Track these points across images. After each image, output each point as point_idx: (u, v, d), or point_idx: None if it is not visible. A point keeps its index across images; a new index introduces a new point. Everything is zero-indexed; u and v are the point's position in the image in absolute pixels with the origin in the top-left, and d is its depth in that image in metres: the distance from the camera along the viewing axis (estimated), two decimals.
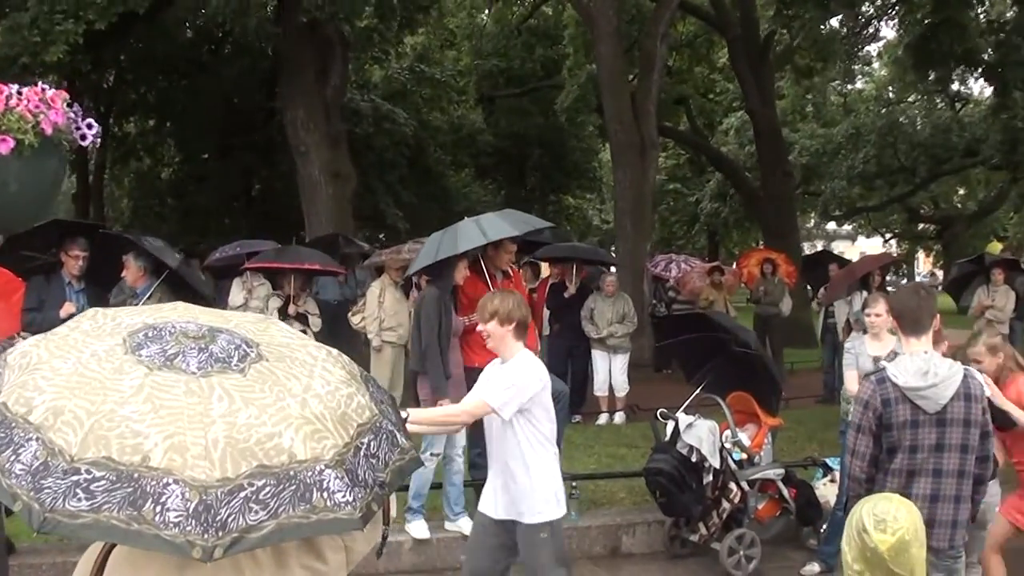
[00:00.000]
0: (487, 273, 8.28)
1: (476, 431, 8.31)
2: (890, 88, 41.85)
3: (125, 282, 9.49)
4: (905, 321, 5.05)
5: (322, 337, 11.70)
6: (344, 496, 2.09)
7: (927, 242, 52.21)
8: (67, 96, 4.28)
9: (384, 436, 2.32)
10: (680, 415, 7.95)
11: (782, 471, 8.15)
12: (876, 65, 43.27)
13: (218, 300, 12.57)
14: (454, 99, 30.78)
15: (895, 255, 34.08)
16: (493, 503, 5.61)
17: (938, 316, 5.15)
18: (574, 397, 13.27)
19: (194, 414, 2.07)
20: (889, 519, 3.06)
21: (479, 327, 5.56)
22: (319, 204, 17.45)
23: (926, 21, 22.10)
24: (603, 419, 13.18)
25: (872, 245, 58.74)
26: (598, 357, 13.20)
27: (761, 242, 30.13)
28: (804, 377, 16.29)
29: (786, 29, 25.78)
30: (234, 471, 2.01)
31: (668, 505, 7.93)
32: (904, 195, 38.31)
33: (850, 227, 56.24)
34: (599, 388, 13.37)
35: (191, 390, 2.13)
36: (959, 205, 46.52)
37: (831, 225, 57.14)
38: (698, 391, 8.41)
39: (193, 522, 1.94)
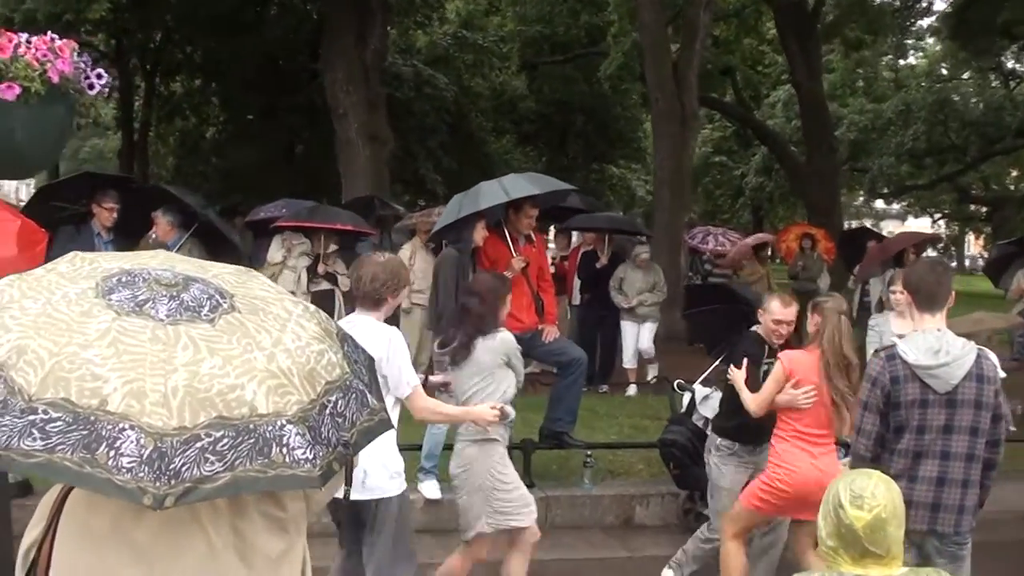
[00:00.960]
0: (509, 236, 8.24)
1: None
2: (943, 64, 41.13)
3: (155, 237, 9.58)
4: (920, 296, 4.93)
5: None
6: (304, 453, 2.09)
7: (977, 224, 51.35)
8: (76, 46, 4.27)
9: (353, 396, 2.30)
10: (697, 387, 7.89)
11: None
12: (931, 41, 42.52)
13: (255, 258, 12.67)
14: (496, 65, 30.60)
15: (936, 234, 33.53)
16: None
17: (953, 294, 5.03)
18: (603, 367, 13.29)
19: (157, 361, 2.07)
20: (867, 495, 2.98)
21: None
22: (356, 166, 17.49)
23: None
24: (632, 390, 13.10)
25: (922, 225, 58.00)
26: (627, 327, 13.05)
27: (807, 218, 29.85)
28: None
29: None
30: (192, 420, 2.02)
31: (681, 477, 7.89)
32: (953, 174, 37.65)
33: (899, 207, 55.35)
34: (628, 361, 13.22)
35: (156, 337, 2.13)
36: (1011, 187, 45.71)
37: (881, 204, 56.40)
38: (718, 363, 8.33)
39: (146, 469, 1.94)
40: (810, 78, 24.67)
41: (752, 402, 6.09)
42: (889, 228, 48.40)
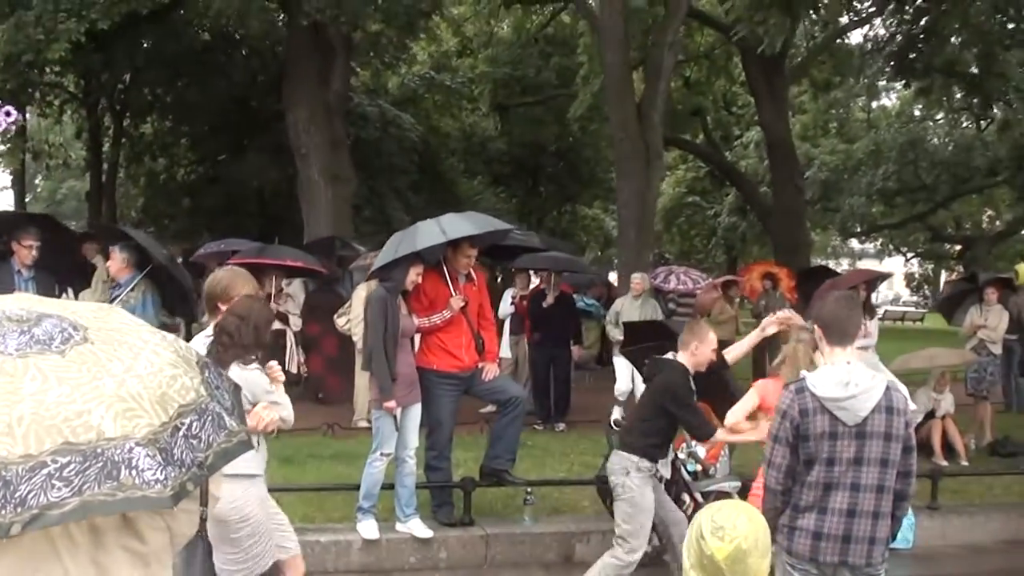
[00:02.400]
0: (449, 275, 8.24)
1: (433, 434, 8.32)
2: (917, 106, 41.45)
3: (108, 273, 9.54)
4: (832, 330, 4.93)
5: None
6: (154, 474, 2.07)
7: (950, 262, 51.67)
8: None
9: (209, 418, 2.30)
10: None
11: (738, 484, 8.03)
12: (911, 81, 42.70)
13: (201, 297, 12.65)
14: (465, 107, 30.79)
15: (886, 272, 33.67)
16: None
17: (862, 328, 5.07)
18: (558, 405, 13.27)
19: (3, 393, 2.06)
20: (728, 526, 2.97)
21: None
22: (318, 206, 17.50)
23: (896, 28, 22.03)
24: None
25: (896, 264, 58.33)
26: (618, 363, 12.84)
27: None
28: None
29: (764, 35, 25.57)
30: (37, 448, 2.00)
31: None
32: (924, 214, 37.95)
33: (872, 246, 55.60)
34: (620, 391, 13.00)
35: (4, 370, 2.12)
36: (985, 225, 46.02)
37: (857, 244, 56.61)
38: None
39: None
40: (777, 119, 24.80)
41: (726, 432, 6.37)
42: (865, 267, 48.37)
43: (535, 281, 14.20)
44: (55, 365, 2.16)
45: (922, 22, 20.31)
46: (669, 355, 7.15)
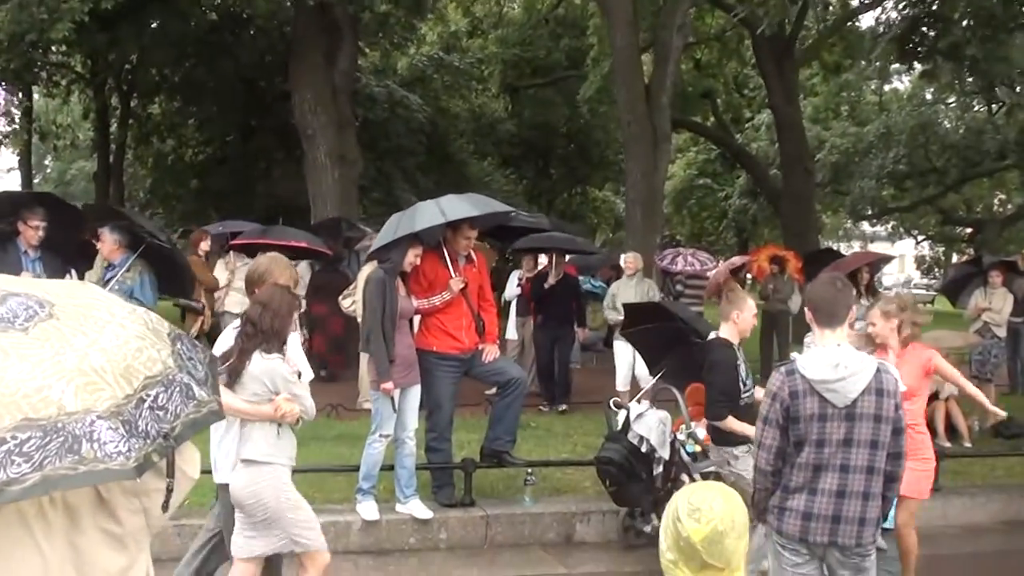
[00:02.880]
0: (448, 257, 8.24)
1: (433, 415, 8.34)
2: (928, 89, 41.11)
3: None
4: (821, 313, 4.95)
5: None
6: (117, 447, 2.09)
7: (961, 245, 51.36)
8: None
9: (177, 389, 2.32)
10: (632, 404, 7.91)
11: None
12: (916, 65, 42.39)
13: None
14: (474, 88, 30.68)
15: (888, 254, 33.46)
16: None
17: (853, 309, 5.07)
18: (562, 386, 13.27)
19: None
20: (704, 508, 2.96)
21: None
22: (324, 187, 17.45)
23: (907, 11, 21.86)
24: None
25: (909, 247, 58.03)
26: (619, 347, 12.51)
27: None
28: None
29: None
30: None
31: (618, 495, 7.89)
32: (935, 197, 37.71)
33: (883, 229, 55.20)
34: (621, 383, 12.53)
35: None
36: (999, 208, 45.68)
37: (868, 227, 56.26)
38: (655, 381, 8.34)
39: None
40: (787, 101, 24.69)
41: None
42: (877, 250, 48.03)
43: (544, 262, 14.15)
44: (17, 342, 2.18)
45: (933, 6, 20.19)
46: (712, 334, 7.18)
